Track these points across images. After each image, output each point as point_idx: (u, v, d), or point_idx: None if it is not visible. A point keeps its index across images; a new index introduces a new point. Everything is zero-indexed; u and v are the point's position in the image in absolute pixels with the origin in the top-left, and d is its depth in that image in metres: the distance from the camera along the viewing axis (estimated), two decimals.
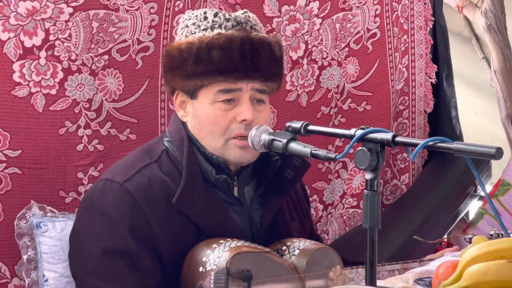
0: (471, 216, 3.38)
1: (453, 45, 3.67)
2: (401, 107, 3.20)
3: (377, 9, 3.00)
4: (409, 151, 1.59)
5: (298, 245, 1.98)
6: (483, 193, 3.31)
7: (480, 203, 3.35)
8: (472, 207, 3.42)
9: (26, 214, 2.16)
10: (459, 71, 4.39)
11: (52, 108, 2.28)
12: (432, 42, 3.26)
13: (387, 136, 1.58)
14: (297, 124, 1.83)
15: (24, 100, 2.23)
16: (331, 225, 3.01)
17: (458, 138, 3.36)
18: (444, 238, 2.73)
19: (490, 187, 3.33)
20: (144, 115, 2.46)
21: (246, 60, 1.95)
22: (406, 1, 3.12)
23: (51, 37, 2.24)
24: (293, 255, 1.95)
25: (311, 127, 1.82)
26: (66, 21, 2.25)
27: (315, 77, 2.87)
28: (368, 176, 1.58)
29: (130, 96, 2.43)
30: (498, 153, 1.43)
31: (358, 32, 2.95)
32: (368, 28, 2.98)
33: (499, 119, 3.88)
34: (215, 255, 1.84)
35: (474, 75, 4.97)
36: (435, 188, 3.22)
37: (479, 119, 5.13)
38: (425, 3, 3.21)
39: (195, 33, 1.99)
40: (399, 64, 3.13)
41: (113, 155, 2.37)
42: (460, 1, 3.99)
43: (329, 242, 2.97)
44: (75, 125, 2.32)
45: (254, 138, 1.91)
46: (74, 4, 2.25)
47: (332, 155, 1.70)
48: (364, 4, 2.94)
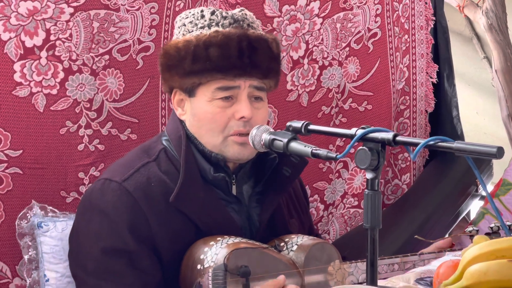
0: (472, 216, 3.38)
1: (454, 45, 3.67)
2: (402, 107, 3.19)
3: (378, 9, 2.99)
4: (410, 150, 1.59)
5: (296, 241, 1.98)
6: (484, 193, 3.30)
7: (481, 202, 3.34)
8: (474, 207, 3.42)
9: (27, 214, 2.16)
10: (460, 70, 4.39)
11: (53, 108, 2.28)
12: (433, 42, 3.26)
13: (388, 135, 1.58)
14: (297, 124, 1.83)
15: (25, 100, 2.23)
16: (332, 225, 3.01)
17: (459, 138, 3.36)
18: (445, 237, 2.72)
19: (492, 187, 3.33)
20: (145, 115, 2.46)
21: (243, 57, 1.95)
22: (407, 1, 3.12)
23: (52, 37, 2.24)
24: (291, 250, 1.95)
25: (312, 127, 1.82)
26: (67, 21, 2.25)
27: (316, 77, 2.87)
28: (369, 175, 1.57)
29: (131, 96, 2.43)
30: (499, 153, 1.43)
31: (359, 32, 2.95)
32: (369, 27, 2.98)
33: (500, 118, 3.88)
34: (213, 252, 1.84)
35: (475, 74, 4.97)
36: (436, 187, 3.22)
37: (480, 119, 5.13)
38: (426, 3, 3.21)
39: (192, 31, 1.99)
40: (400, 64, 3.13)
41: (114, 155, 2.37)
42: (461, 1, 3.98)
43: (330, 242, 2.97)
44: (76, 125, 2.32)
45: (255, 138, 1.91)
46: (75, 4, 2.25)
47: (333, 155, 1.70)
48: (365, 4, 2.94)
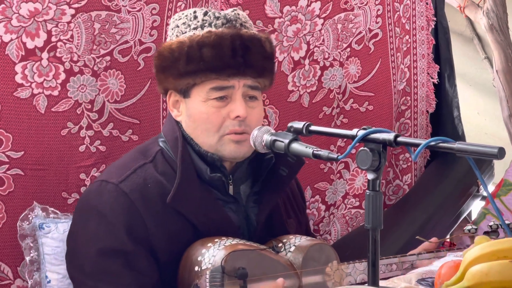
0: (473, 216, 3.38)
1: (455, 45, 3.67)
2: (403, 107, 3.19)
3: (379, 10, 2.99)
4: (411, 151, 1.59)
5: (294, 242, 1.97)
6: (486, 193, 3.31)
7: (482, 203, 3.34)
8: (475, 207, 3.42)
9: (29, 216, 2.17)
10: (461, 71, 4.39)
11: (54, 109, 2.28)
12: (434, 42, 3.26)
13: (389, 136, 1.58)
14: (299, 125, 1.83)
15: (26, 102, 2.23)
16: (333, 225, 3.01)
17: (461, 138, 3.36)
18: (447, 238, 2.72)
19: (493, 187, 3.33)
20: (146, 116, 2.46)
21: (237, 56, 1.96)
22: (408, 1, 3.12)
23: (53, 39, 2.24)
24: (289, 251, 1.95)
25: (313, 128, 1.82)
26: (68, 23, 2.25)
27: (317, 78, 2.87)
28: (370, 176, 1.57)
29: (132, 97, 2.43)
30: (500, 153, 1.43)
31: (360, 33, 2.95)
32: (370, 28, 2.98)
33: (501, 118, 3.89)
34: (210, 254, 1.84)
35: (476, 75, 4.97)
36: (438, 188, 3.22)
37: (481, 119, 5.13)
38: (427, 3, 3.21)
39: (185, 32, 2.00)
40: (401, 64, 3.13)
41: (115, 156, 2.37)
42: (462, 1, 3.99)
43: (332, 243, 2.97)
44: (77, 126, 2.32)
45: (256, 139, 1.91)
46: (76, 6, 2.25)
47: (334, 156, 1.69)
48: (366, 5, 2.94)
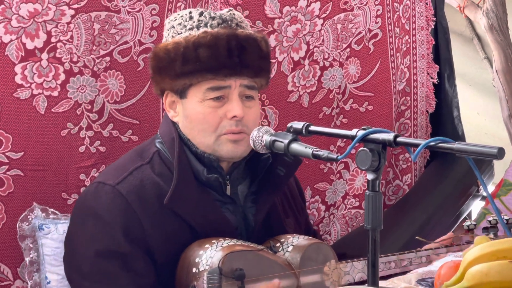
0: (473, 216, 3.38)
1: (455, 45, 3.67)
2: (403, 108, 3.19)
3: (378, 10, 2.99)
4: (410, 151, 1.58)
5: (291, 241, 1.97)
6: (485, 193, 3.31)
7: (482, 203, 3.34)
8: (475, 207, 3.42)
9: (29, 216, 2.17)
10: (461, 71, 4.39)
11: (54, 110, 2.28)
12: (433, 42, 3.26)
13: (389, 136, 1.58)
14: (298, 125, 1.82)
15: (26, 102, 2.23)
16: (333, 225, 3.01)
17: (460, 138, 3.36)
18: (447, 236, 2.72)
19: (493, 187, 3.33)
20: (146, 117, 2.46)
21: (233, 56, 1.96)
22: (408, 2, 3.12)
23: (53, 39, 2.24)
24: (286, 251, 1.95)
25: (313, 128, 1.81)
26: (68, 23, 2.25)
27: (316, 78, 2.87)
28: (370, 176, 1.57)
29: (132, 98, 2.43)
30: (499, 153, 1.43)
31: (360, 33, 2.95)
32: (369, 28, 2.98)
33: (501, 119, 3.89)
34: (208, 255, 1.84)
35: (476, 75, 4.97)
36: (438, 188, 3.22)
37: (481, 119, 5.13)
38: (426, 3, 3.21)
39: (181, 33, 2.00)
40: (400, 65, 3.13)
41: (115, 157, 2.36)
42: (462, 1, 3.99)
43: (332, 243, 2.97)
44: (77, 127, 2.32)
45: (256, 139, 1.91)
46: (75, 6, 2.25)
47: (334, 156, 1.69)
48: (365, 5, 2.94)
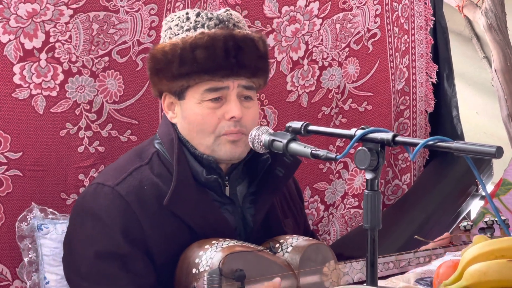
0: (472, 216, 3.38)
1: (454, 45, 3.67)
2: (402, 107, 3.19)
3: (377, 9, 2.99)
4: (409, 150, 1.59)
5: (291, 242, 1.97)
6: (484, 193, 3.31)
7: (481, 202, 3.35)
8: (474, 207, 3.42)
9: (27, 216, 2.17)
10: (460, 70, 4.38)
11: (53, 110, 2.28)
12: (432, 42, 3.26)
13: (387, 136, 1.58)
14: (297, 125, 1.83)
15: (24, 102, 2.23)
16: (332, 225, 3.01)
17: (459, 138, 3.36)
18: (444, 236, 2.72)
19: (492, 187, 3.33)
20: (144, 117, 2.46)
21: (230, 57, 1.95)
22: (407, 1, 3.12)
23: (52, 39, 2.24)
24: (286, 252, 1.95)
25: (311, 127, 1.82)
26: (66, 23, 2.25)
27: (315, 78, 2.87)
28: (369, 176, 1.57)
29: (131, 98, 2.43)
30: (498, 152, 1.43)
31: (359, 32, 2.95)
32: (368, 28, 2.98)
33: (500, 118, 3.88)
34: (208, 256, 1.84)
35: (475, 74, 4.97)
36: (437, 188, 3.22)
37: (480, 119, 5.13)
38: (425, 3, 3.21)
39: (178, 34, 1.99)
40: (399, 64, 3.13)
41: (114, 157, 2.37)
42: (461, 1, 3.99)
43: (331, 243, 2.97)
44: (76, 127, 2.32)
45: (254, 139, 1.91)
46: (74, 6, 2.25)
47: (333, 155, 1.69)
48: (364, 4, 2.94)
